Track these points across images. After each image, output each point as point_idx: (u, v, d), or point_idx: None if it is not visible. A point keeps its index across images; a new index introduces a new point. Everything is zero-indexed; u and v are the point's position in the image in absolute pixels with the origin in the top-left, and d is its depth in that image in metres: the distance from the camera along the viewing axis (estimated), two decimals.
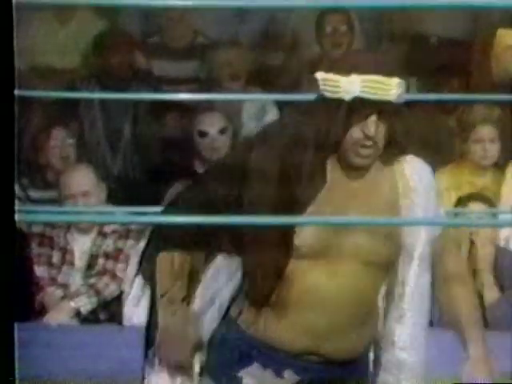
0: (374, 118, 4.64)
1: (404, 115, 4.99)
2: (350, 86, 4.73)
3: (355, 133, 4.64)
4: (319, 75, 4.76)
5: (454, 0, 5.27)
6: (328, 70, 4.77)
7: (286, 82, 8.78)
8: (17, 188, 7.77)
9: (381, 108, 4.67)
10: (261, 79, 9.09)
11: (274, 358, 4.87)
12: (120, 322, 7.66)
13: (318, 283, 4.73)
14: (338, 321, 4.76)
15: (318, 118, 4.86)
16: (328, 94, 4.73)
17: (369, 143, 4.64)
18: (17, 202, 7.71)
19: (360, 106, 4.65)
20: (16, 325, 5.68)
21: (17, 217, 4.08)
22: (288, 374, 4.85)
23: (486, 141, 7.91)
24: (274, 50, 9.37)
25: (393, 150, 4.87)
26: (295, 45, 9.23)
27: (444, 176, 8.00)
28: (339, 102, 4.72)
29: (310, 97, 4.94)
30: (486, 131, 7.91)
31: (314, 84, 4.90)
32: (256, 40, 9.30)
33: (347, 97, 4.70)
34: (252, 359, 4.93)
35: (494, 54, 5.45)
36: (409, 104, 5.83)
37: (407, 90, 5.14)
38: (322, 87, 4.76)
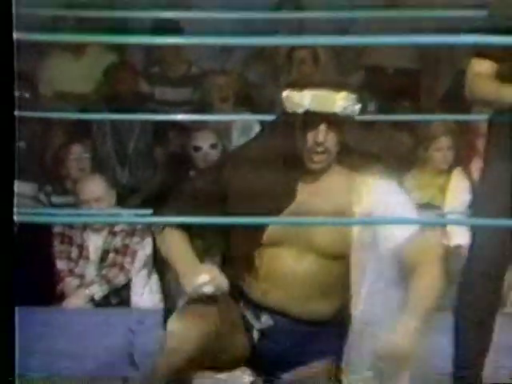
0: (322, 127, 4.79)
1: (357, 126, 5.11)
2: (302, 100, 4.86)
3: (309, 141, 4.82)
4: (283, 93, 4.93)
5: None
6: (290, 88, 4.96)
7: (266, 102, 8.91)
8: (41, 195, 8.03)
9: (329, 119, 4.82)
10: (246, 101, 9.13)
11: (253, 305, 4.99)
12: (128, 306, 7.76)
13: (286, 265, 4.90)
14: (300, 293, 4.91)
15: (283, 133, 4.99)
16: (288, 110, 4.89)
17: (320, 149, 4.80)
18: (40, 205, 7.96)
19: (312, 118, 4.82)
20: (34, 309, 5.74)
21: (16, 218, 4.01)
22: (264, 319, 4.98)
23: (445, 149, 8.02)
24: (256, 75, 9.46)
25: (356, 158, 5.01)
26: (273, 71, 9.29)
27: (409, 179, 8.08)
28: (296, 116, 4.88)
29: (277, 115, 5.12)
30: (445, 141, 8.02)
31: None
32: (241, 68, 9.41)
33: (300, 110, 4.86)
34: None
35: (466, 80, 5.47)
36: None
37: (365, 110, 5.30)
38: (285, 104, 4.92)
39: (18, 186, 7.67)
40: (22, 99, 8.45)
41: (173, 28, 7.75)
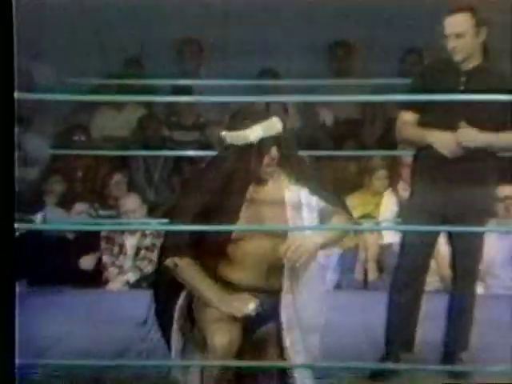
0: (274, 147, 4.64)
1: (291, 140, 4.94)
2: (254, 133, 4.65)
3: (265, 160, 4.64)
4: (224, 133, 4.75)
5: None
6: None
7: None
8: (91, 210, 7.90)
9: (277, 139, 4.68)
10: None
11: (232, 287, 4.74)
12: None
13: (254, 249, 4.65)
14: (263, 270, 4.69)
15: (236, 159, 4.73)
16: (238, 143, 4.67)
17: (273, 163, 4.67)
18: (88, 217, 7.84)
19: (265, 142, 4.66)
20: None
21: (16, 225, 3.96)
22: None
23: (382, 179, 7.95)
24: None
25: (294, 172, 4.81)
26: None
27: (354, 198, 7.89)
28: (248, 145, 4.65)
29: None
30: (382, 173, 7.95)
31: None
32: None
33: (255, 139, 4.67)
34: None
35: (396, 126, 5.49)
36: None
37: None
38: (230, 140, 4.71)
39: (77, 206, 7.70)
40: (79, 142, 8.47)
41: (185, 90, 7.62)
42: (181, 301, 4.80)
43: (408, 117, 5.43)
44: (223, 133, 4.75)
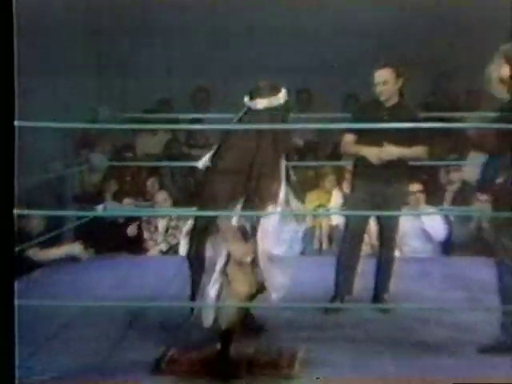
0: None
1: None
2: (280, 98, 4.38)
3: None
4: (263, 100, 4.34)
5: None
6: None
7: None
8: (136, 202, 7.86)
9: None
10: None
11: None
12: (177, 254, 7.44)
13: None
14: None
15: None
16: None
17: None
18: (136, 207, 7.76)
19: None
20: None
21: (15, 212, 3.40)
22: None
23: (332, 181, 7.82)
24: None
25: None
26: None
27: (313, 194, 7.77)
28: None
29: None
30: (332, 177, 7.82)
31: None
32: None
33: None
34: None
35: (341, 145, 5.50)
36: None
37: None
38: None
39: (125, 200, 7.65)
40: (128, 156, 8.45)
41: (198, 121, 7.65)
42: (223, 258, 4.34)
43: (349, 138, 5.41)
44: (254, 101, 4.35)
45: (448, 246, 7.35)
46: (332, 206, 7.80)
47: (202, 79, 8.97)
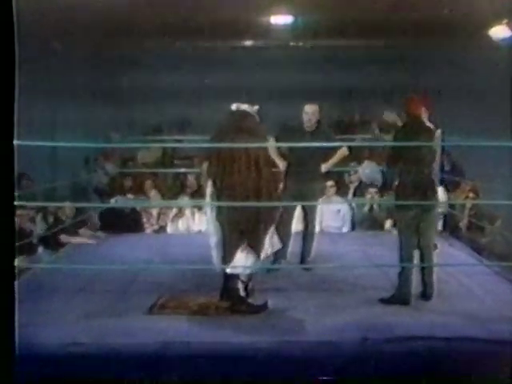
0: None
1: None
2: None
3: None
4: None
5: None
6: None
7: None
8: (134, 198, 7.50)
9: None
10: None
11: None
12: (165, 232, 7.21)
13: None
14: None
15: None
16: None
17: None
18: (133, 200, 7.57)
19: None
20: None
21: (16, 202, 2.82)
22: None
23: None
24: None
25: None
26: None
27: None
28: None
29: None
30: None
31: None
32: None
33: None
34: None
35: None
36: None
37: None
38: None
39: (128, 195, 7.46)
40: (131, 165, 8.34)
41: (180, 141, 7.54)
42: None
43: (274, 150, 5.22)
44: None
45: (353, 224, 7.26)
46: None
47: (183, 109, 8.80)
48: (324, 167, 5.36)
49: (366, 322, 3.94)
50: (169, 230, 7.24)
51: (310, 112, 5.31)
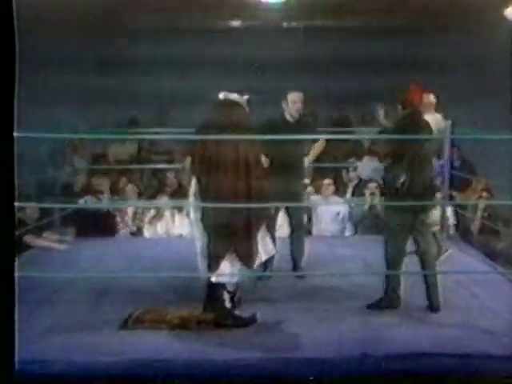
0: None
1: None
2: None
3: None
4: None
5: None
6: None
7: None
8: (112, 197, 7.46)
9: None
10: None
11: None
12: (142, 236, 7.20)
13: None
14: None
15: None
16: None
17: None
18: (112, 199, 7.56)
19: None
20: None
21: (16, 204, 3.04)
22: None
23: None
24: None
25: None
26: None
27: None
28: None
29: None
30: None
31: None
32: None
33: None
34: None
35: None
36: None
37: None
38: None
39: (106, 195, 7.40)
40: (102, 161, 8.32)
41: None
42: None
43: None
44: None
45: (353, 227, 7.25)
46: None
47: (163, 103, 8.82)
48: (306, 161, 5.34)
49: (366, 336, 3.94)
50: (146, 233, 7.22)
51: (298, 100, 5.26)
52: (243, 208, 3.97)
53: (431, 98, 5.55)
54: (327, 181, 7.06)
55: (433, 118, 5.19)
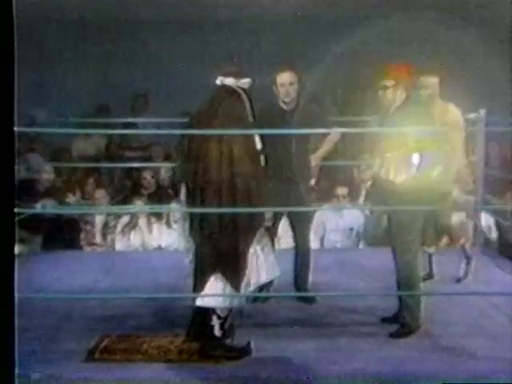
0: None
1: None
2: None
3: None
4: None
5: None
6: None
7: None
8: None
9: None
10: None
11: None
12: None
13: None
14: None
15: None
16: None
17: None
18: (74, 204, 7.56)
19: None
20: None
21: (16, 209, 3.53)
22: None
23: None
24: None
25: None
26: None
27: None
28: None
29: None
30: None
31: None
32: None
33: None
34: None
35: None
36: None
37: None
38: None
39: (68, 198, 7.41)
40: (65, 158, 8.30)
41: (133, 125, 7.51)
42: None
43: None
44: None
45: (366, 238, 7.26)
46: None
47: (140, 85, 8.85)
48: (314, 159, 5.17)
49: (385, 371, 3.94)
50: (117, 245, 7.24)
51: (286, 82, 5.02)
52: (231, 217, 3.95)
53: (429, 80, 5.28)
54: (341, 190, 7.03)
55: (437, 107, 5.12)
